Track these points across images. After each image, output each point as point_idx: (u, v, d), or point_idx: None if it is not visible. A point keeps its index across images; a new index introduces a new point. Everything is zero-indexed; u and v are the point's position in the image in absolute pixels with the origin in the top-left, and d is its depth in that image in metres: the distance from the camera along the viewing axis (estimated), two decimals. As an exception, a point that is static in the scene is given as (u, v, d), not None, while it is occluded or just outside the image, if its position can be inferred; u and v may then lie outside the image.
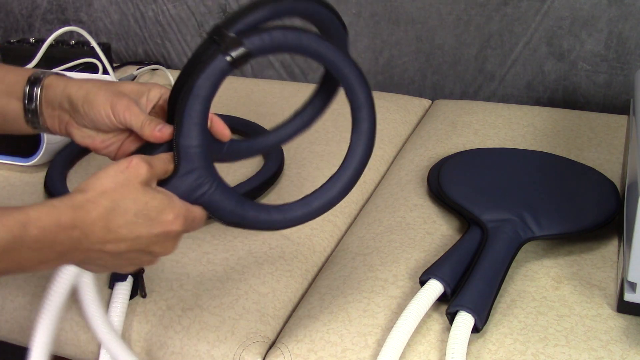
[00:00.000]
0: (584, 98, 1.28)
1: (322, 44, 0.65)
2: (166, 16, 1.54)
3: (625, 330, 0.72)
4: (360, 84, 0.69)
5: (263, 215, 0.69)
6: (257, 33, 0.63)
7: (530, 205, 0.86)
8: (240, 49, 0.62)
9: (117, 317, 0.78)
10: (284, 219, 0.70)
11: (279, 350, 0.75)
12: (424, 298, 0.73)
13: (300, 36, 0.64)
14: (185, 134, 0.64)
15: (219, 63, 0.63)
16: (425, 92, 1.40)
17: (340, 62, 0.67)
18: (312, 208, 0.71)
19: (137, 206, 0.61)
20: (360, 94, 0.70)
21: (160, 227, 0.62)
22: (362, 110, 0.70)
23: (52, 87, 0.72)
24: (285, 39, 0.63)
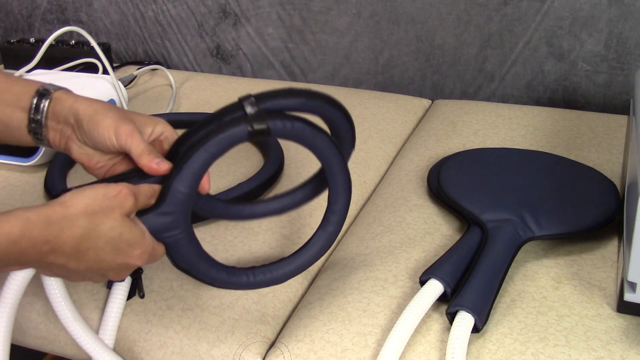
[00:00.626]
0: (584, 98, 1.28)
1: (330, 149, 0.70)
2: (166, 16, 1.54)
3: (625, 330, 0.72)
4: (345, 193, 0.74)
5: (212, 272, 0.74)
6: (282, 117, 0.66)
7: (530, 205, 0.86)
8: (262, 125, 0.65)
9: (113, 317, 0.78)
10: (227, 281, 0.75)
11: (279, 350, 0.75)
12: (424, 298, 0.73)
13: (316, 135, 0.68)
14: (181, 179, 0.66)
15: (239, 131, 0.65)
16: (425, 92, 1.40)
17: (338, 170, 0.72)
18: (255, 280, 0.76)
19: (111, 234, 0.63)
20: (341, 201, 0.75)
21: (124, 258, 0.65)
22: (335, 215, 0.76)
23: (61, 101, 0.73)
24: (303, 133, 0.67)
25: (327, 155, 0.70)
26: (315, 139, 0.68)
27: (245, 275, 0.76)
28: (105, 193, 0.63)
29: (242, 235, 0.90)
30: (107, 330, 0.77)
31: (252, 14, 1.47)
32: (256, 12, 1.46)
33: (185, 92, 1.39)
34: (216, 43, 1.53)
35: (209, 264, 0.73)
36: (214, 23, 1.51)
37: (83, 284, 0.84)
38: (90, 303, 0.82)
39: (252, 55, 1.51)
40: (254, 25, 1.48)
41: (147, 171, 0.69)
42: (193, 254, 0.71)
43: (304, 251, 0.77)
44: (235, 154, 1.11)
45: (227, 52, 1.53)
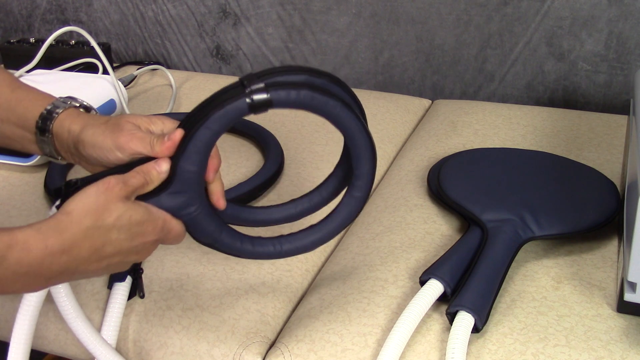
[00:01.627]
0: (584, 98, 1.28)
1: (344, 111, 0.67)
2: (166, 16, 1.54)
3: (625, 330, 0.72)
4: (368, 155, 0.71)
5: (236, 244, 0.73)
6: (285, 87, 0.65)
7: (530, 205, 0.86)
8: (262, 95, 0.64)
9: (115, 317, 0.78)
10: (252, 251, 0.74)
11: (279, 350, 0.75)
12: (424, 298, 0.73)
13: (327, 101, 0.66)
14: (187, 157, 0.66)
15: (239, 104, 0.65)
16: (425, 92, 1.40)
17: (357, 131, 0.69)
18: (281, 250, 0.75)
19: (119, 223, 0.63)
20: (365, 165, 0.72)
21: (141, 238, 0.66)
22: (361, 180, 0.73)
23: (59, 136, 0.73)
24: (312, 101, 0.65)
25: (343, 120, 0.68)
26: (327, 105, 0.66)
27: (272, 244, 0.75)
28: (97, 190, 0.63)
29: (242, 235, 0.90)
30: (109, 330, 0.77)
31: (252, 14, 1.47)
32: (256, 12, 1.46)
33: (185, 92, 1.39)
34: (216, 43, 1.53)
35: (231, 236, 0.73)
36: (214, 23, 1.51)
37: (83, 283, 0.84)
38: (90, 303, 0.82)
39: (252, 55, 1.51)
40: (254, 25, 1.48)
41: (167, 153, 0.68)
42: (213, 227, 0.71)
43: (332, 218, 0.75)
44: (236, 154, 1.11)
45: (227, 52, 1.53)
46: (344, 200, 0.75)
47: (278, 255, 0.76)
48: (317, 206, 0.78)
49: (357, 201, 0.74)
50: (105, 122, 0.71)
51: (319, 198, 0.78)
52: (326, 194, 0.78)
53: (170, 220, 0.68)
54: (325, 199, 0.78)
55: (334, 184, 0.77)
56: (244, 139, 1.17)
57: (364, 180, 0.73)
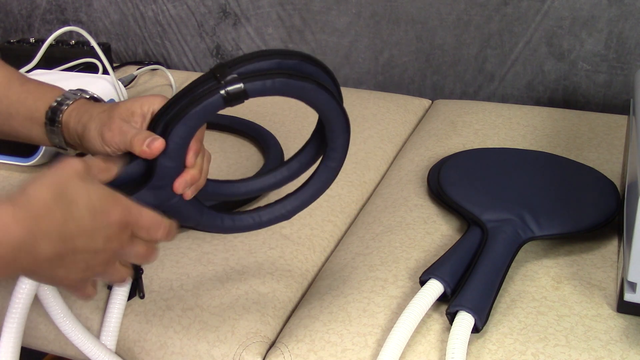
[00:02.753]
0: (584, 98, 1.28)
1: (321, 95, 0.68)
2: (166, 16, 1.54)
3: (625, 330, 0.72)
4: (343, 130, 0.72)
5: (217, 222, 0.75)
6: (260, 77, 0.65)
7: (530, 205, 0.86)
8: (237, 86, 0.63)
9: (115, 317, 0.78)
10: (233, 226, 0.76)
11: (279, 350, 0.75)
12: (424, 298, 0.73)
13: (303, 86, 0.66)
14: (165, 154, 0.66)
15: (214, 98, 0.64)
16: (425, 92, 1.40)
17: (334, 112, 0.70)
18: (261, 220, 0.76)
19: (80, 198, 0.59)
20: (340, 138, 0.73)
21: (104, 217, 0.60)
22: (336, 152, 0.74)
23: (68, 127, 0.74)
24: (287, 87, 0.66)
25: (319, 102, 0.68)
26: (302, 90, 0.66)
27: (251, 217, 0.76)
28: (54, 171, 0.60)
29: (242, 236, 0.90)
30: (109, 331, 0.77)
31: (252, 14, 1.47)
32: (256, 12, 1.46)
33: (185, 92, 1.39)
34: (216, 43, 1.53)
35: (212, 216, 0.74)
36: (214, 23, 1.51)
37: (83, 284, 0.84)
38: (90, 303, 0.82)
39: (252, 55, 1.51)
40: (254, 25, 1.48)
41: (144, 157, 0.66)
42: (195, 212, 0.72)
43: (308, 187, 0.77)
44: (236, 154, 1.11)
45: (227, 52, 1.53)
46: (319, 170, 0.76)
47: (259, 225, 0.77)
48: (295, 174, 0.79)
49: (332, 170, 0.76)
50: (102, 111, 0.71)
51: (297, 165, 0.78)
52: (304, 161, 0.78)
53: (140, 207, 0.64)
54: (303, 165, 0.78)
55: (310, 152, 0.78)
56: (244, 139, 1.17)
57: (338, 152, 0.74)
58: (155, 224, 0.65)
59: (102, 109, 0.72)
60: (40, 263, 0.58)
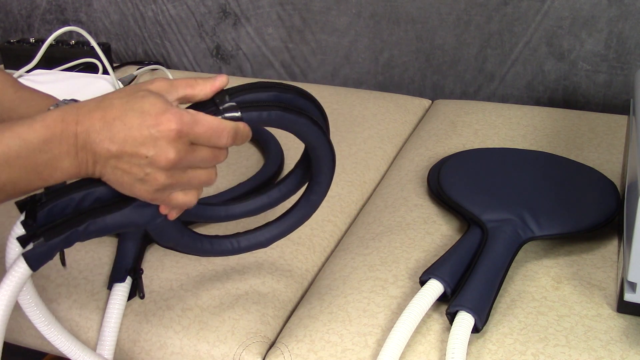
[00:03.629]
0: (584, 98, 1.28)
1: (312, 129, 0.69)
2: (166, 16, 1.54)
3: (625, 330, 0.72)
4: (329, 167, 0.74)
5: (196, 244, 0.75)
6: (257, 108, 0.66)
7: (530, 205, 0.86)
8: (234, 114, 0.64)
9: (115, 317, 0.78)
10: (211, 249, 0.77)
11: (279, 350, 0.75)
12: (424, 298, 0.73)
13: (297, 120, 0.68)
14: None
15: None
16: (425, 92, 1.40)
17: (322, 146, 0.72)
18: (239, 247, 0.78)
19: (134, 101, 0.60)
20: (325, 174, 0.75)
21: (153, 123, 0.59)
22: (319, 186, 0.76)
23: None
24: (282, 120, 0.67)
25: (310, 136, 0.70)
26: (296, 124, 0.68)
27: (229, 242, 0.77)
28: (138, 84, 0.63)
29: (242, 235, 0.90)
30: (109, 331, 0.77)
31: (252, 14, 1.47)
32: (256, 12, 1.46)
33: (185, 92, 1.39)
34: (216, 43, 1.53)
35: (192, 237, 0.75)
36: (213, 23, 1.51)
37: (83, 284, 0.84)
38: (90, 303, 0.82)
39: (252, 55, 1.51)
40: (254, 25, 1.48)
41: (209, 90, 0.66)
42: (175, 232, 0.72)
43: (288, 217, 0.78)
44: (235, 154, 1.11)
45: (227, 52, 1.53)
46: (301, 202, 0.78)
47: (236, 251, 0.78)
48: (276, 202, 0.80)
49: (313, 204, 0.78)
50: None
51: (278, 194, 0.79)
52: (285, 191, 0.79)
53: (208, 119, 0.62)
54: (284, 194, 0.79)
55: (293, 182, 0.79)
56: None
57: (321, 187, 0.76)
58: (214, 129, 0.62)
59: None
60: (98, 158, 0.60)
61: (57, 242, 0.65)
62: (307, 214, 0.79)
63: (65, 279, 0.85)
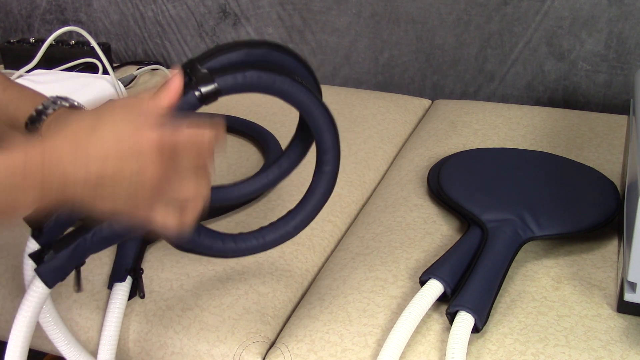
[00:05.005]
0: (584, 98, 1.28)
1: (294, 86, 0.65)
2: (166, 16, 1.54)
3: (625, 330, 0.72)
4: (328, 127, 0.69)
5: (217, 244, 0.72)
6: (232, 72, 0.62)
7: (530, 205, 0.86)
8: (210, 86, 0.61)
9: (115, 317, 0.78)
10: (236, 249, 0.73)
11: (279, 350, 0.75)
12: (424, 298, 0.73)
13: (275, 79, 0.64)
14: None
15: (188, 98, 0.62)
16: (425, 92, 1.40)
17: (311, 105, 0.67)
18: (265, 241, 0.74)
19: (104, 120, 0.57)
20: (327, 137, 0.70)
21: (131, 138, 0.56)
22: (327, 154, 0.71)
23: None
24: (259, 81, 0.63)
25: (296, 97, 0.65)
26: (275, 83, 0.63)
27: (255, 237, 0.73)
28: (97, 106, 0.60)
29: (242, 235, 0.90)
30: (110, 331, 0.77)
31: (252, 14, 1.47)
32: (256, 12, 1.46)
33: (185, 92, 1.39)
34: (216, 43, 1.53)
35: (211, 236, 0.71)
36: (213, 23, 1.51)
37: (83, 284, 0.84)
38: (91, 303, 0.82)
39: (252, 55, 1.51)
40: (254, 25, 1.47)
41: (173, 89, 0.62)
42: (192, 232, 0.69)
43: (308, 199, 0.74)
44: (236, 154, 1.11)
45: (227, 52, 1.53)
46: (315, 179, 0.74)
47: (263, 247, 0.74)
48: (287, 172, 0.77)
49: (329, 175, 0.73)
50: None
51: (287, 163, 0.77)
52: (294, 157, 0.77)
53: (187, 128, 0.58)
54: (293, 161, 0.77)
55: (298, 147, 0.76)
56: (244, 139, 1.17)
57: (330, 154, 0.71)
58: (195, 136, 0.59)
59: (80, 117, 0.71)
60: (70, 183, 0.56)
61: (67, 254, 0.63)
62: (328, 189, 0.73)
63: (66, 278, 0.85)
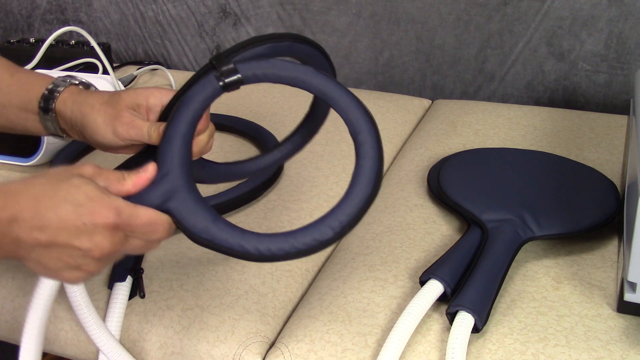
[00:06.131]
0: (584, 98, 1.28)
1: (318, 76, 0.66)
2: (166, 16, 1.54)
3: (625, 330, 0.72)
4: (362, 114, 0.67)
5: (235, 242, 0.62)
6: (255, 60, 0.66)
7: (530, 205, 0.86)
8: (234, 76, 0.66)
9: (116, 317, 0.78)
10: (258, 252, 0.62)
11: (279, 350, 0.75)
12: (424, 298, 0.73)
13: (297, 68, 0.66)
14: (168, 140, 0.66)
15: (212, 88, 0.66)
16: (425, 92, 1.40)
17: (340, 95, 0.67)
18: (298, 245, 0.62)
19: (69, 190, 0.59)
20: (364, 125, 0.67)
21: (90, 216, 0.58)
22: (365, 145, 0.65)
23: (62, 115, 0.74)
24: (282, 70, 0.66)
25: (320, 86, 0.66)
26: (297, 72, 0.65)
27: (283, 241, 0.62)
28: (66, 167, 0.62)
29: (242, 235, 0.90)
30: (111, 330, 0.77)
31: (252, 14, 1.47)
32: (256, 12, 1.46)
33: (185, 92, 1.39)
34: (216, 43, 1.53)
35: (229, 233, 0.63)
36: (214, 23, 1.51)
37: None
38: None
39: (252, 55, 1.51)
40: (254, 25, 1.47)
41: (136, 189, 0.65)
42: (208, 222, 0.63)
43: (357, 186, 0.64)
44: (235, 154, 1.11)
45: (227, 52, 1.53)
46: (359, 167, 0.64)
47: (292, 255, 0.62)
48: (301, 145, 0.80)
49: (374, 160, 0.65)
50: (105, 102, 0.72)
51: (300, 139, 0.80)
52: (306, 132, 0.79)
53: (138, 207, 0.61)
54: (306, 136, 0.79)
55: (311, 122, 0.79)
56: (244, 138, 1.17)
57: (370, 141, 0.66)
58: (151, 223, 0.62)
59: (103, 99, 0.72)
60: (23, 245, 0.59)
61: None
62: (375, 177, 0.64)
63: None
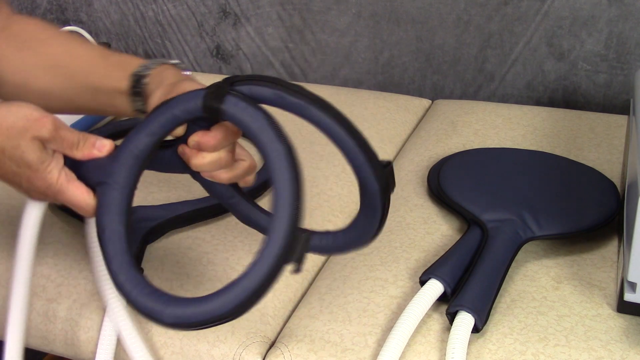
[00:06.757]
0: (584, 98, 1.28)
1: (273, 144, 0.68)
2: (166, 16, 1.54)
3: (625, 330, 0.72)
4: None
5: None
6: (245, 100, 0.64)
7: (530, 205, 0.86)
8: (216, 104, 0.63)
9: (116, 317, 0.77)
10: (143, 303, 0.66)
11: (279, 350, 0.75)
12: (424, 298, 0.73)
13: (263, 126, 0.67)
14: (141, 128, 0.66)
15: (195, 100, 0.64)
16: (425, 92, 1.40)
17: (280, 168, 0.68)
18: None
19: (13, 151, 0.64)
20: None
21: (24, 181, 0.67)
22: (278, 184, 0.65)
23: (153, 95, 0.73)
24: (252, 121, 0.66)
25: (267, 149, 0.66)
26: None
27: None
28: (27, 114, 0.64)
29: (242, 235, 0.90)
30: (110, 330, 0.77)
31: (252, 14, 1.47)
32: (256, 12, 1.46)
33: (185, 92, 1.39)
34: (216, 43, 1.53)
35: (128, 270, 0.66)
36: (214, 23, 1.51)
37: (83, 283, 0.84)
38: (91, 303, 0.82)
39: (252, 55, 1.51)
40: (254, 25, 1.48)
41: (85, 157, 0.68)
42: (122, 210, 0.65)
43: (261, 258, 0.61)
44: (235, 154, 1.11)
45: (227, 52, 1.53)
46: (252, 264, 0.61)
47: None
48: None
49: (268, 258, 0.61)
50: (170, 83, 0.72)
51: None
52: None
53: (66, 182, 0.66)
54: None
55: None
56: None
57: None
58: (75, 204, 0.67)
59: (173, 79, 0.73)
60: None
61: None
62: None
63: (65, 278, 0.85)
